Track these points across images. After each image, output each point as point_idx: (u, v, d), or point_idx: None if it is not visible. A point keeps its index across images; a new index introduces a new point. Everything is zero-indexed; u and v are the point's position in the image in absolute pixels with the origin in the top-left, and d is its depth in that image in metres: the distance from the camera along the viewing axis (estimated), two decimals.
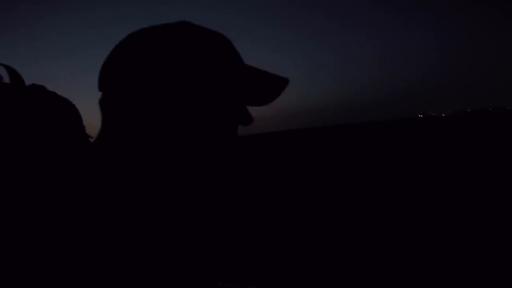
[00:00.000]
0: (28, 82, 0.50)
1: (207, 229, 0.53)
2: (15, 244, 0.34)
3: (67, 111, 0.50)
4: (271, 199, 5.99)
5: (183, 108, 0.40)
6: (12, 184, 0.40)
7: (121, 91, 0.41)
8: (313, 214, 4.84)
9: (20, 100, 0.46)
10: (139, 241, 0.39)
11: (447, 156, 9.69)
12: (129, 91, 0.40)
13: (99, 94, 0.44)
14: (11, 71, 0.49)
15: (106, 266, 0.35)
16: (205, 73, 0.41)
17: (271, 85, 0.45)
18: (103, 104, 0.43)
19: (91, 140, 0.51)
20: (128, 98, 0.40)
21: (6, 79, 0.50)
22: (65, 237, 0.34)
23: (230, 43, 0.46)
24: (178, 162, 0.42)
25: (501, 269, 2.73)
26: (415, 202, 4.98)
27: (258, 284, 2.90)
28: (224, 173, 0.45)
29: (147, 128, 0.40)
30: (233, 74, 0.44)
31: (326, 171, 8.94)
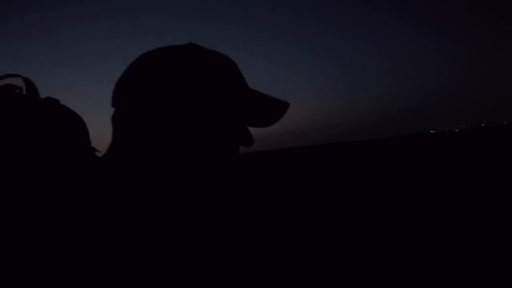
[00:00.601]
0: (46, 89, 0.57)
1: (205, 235, 0.54)
2: (18, 245, 0.35)
3: (75, 125, 0.52)
4: (272, 214, 5.93)
5: (190, 126, 0.43)
6: (18, 188, 0.42)
7: (133, 108, 0.43)
8: (315, 230, 4.77)
9: (33, 112, 0.48)
10: (141, 246, 0.40)
11: (459, 171, 9.51)
12: (141, 109, 0.43)
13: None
14: (28, 82, 0.52)
15: (108, 270, 0.36)
16: (210, 95, 0.44)
17: (272, 109, 0.48)
18: (116, 119, 0.45)
19: (98, 153, 0.54)
20: (140, 115, 0.43)
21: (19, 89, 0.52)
22: (69, 240, 0.36)
23: (235, 66, 0.49)
24: (183, 174, 0.44)
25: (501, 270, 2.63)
26: (427, 218, 4.88)
27: None
28: (224, 186, 0.47)
29: (156, 143, 0.43)
30: (236, 97, 0.46)
31: (331, 188, 8.86)
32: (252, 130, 0.50)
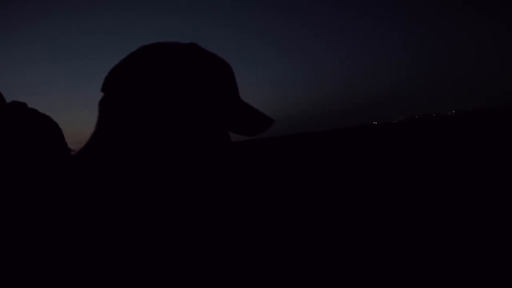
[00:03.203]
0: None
1: (192, 230, 0.54)
2: (13, 245, 0.35)
3: (46, 127, 0.51)
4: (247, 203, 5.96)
5: (177, 122, 0.44)
6: None
7: (124, 95, 0.43)
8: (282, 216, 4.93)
9: None
10: (115, 240, 0.40)
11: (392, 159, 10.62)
12: (132, 97, 0.43)
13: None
14: None
15: (91, 262, 0.36)
16: (203, 96, 0.45)
17: (258, 122, 0.49)
18: (103, 104, 0.45)
19: (73, 152, 0.55)
20: (130, 103, 0.43)
21: None
22: (51, 235, 0.36)
23: (232, 74, 0.50)
24: (168, 165, 0.44)
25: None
26: (368, 202, 5.35)
27: None
28: (211, 177, 0.48)
29: (141, 133, 0.43)
30: (227, 103, 0.47)
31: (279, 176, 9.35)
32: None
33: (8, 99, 0.53)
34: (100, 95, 0.47)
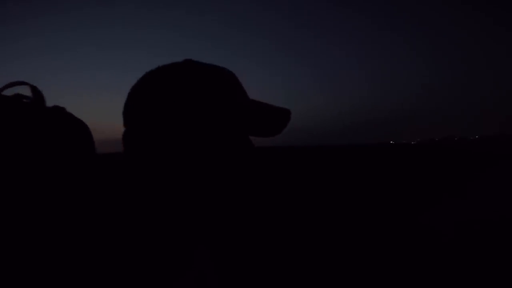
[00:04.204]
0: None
1: (211, 242, 0.54)
2: (18, 245, 0.37)
3: (80, 133, 0.54)
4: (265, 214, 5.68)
5: (196, 140, 0.45)
6: (22, 194, 0.43)
7: (142, 126, 0.46)
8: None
9: (40, 122, 0.49)
10: (153, 253, 0.42)
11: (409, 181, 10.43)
12: (149, 127, 0.45)
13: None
14: (35, 91, 0.53)
15: (122, 278, 0.38)
16: (211, 107, 0.46)
17: (275, 118, 0.49)
18: (126, 138, 0.48)
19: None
20: (148, 133, 0.45)
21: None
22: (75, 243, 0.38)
23: (234, 78, 0.50)
24: (193, 185, 0.46)
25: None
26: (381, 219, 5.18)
27: None
28: (229, 195, 0.48)
29: (166, 157, 0.45)
30: (236, 108, 0.47)
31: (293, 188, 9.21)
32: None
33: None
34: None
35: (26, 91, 0.52)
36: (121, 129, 0.50)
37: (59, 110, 0.54)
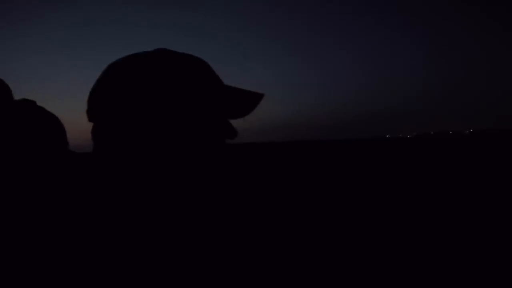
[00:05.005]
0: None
1: (192, 237, 0.54)
2: (15, 245, 0.36)
3: (51, 126, 0.52)
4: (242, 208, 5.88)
5: (170, 130, 0.43)
6: None
7: (112, 121, 0.43)
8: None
9: (6, 116, 0.48)
10: (130, 248, 0.40)
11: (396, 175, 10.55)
12: (118, 120, 0.43)
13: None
14: (1, 85, 0.51)
15: (98, 271, 0.36)
16: (185, 95, 0.44)
17: (247, 100, 0.48)
18: (95, 134, 0.45)
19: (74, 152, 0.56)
20: (119, 127, 0.43)
21: None
22: (56, 239, 0.36)
23: (207, 65, 0.49)
24: (171, 177, 0.44)
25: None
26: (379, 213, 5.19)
27: None
28: (212, 185, 0.47)
29: (140, 151, 0.43)
30: (211, 94, 0.46)
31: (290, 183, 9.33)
32: (236, 123, 0.50)
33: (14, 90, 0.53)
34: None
35: None
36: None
37: (28, 103, 0.51)
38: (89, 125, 0.47)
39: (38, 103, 0.52)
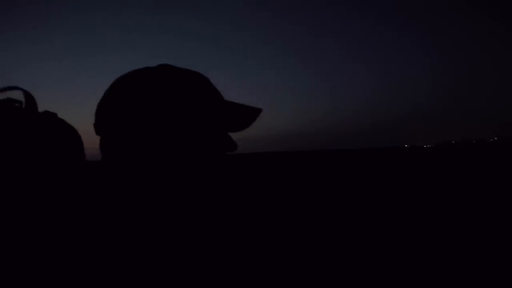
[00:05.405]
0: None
1: (191, 248, 0.54)
2: (18, 245, 0.37)
3: (70, 138, 0.55)
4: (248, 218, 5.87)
5: (172, 142, 0.45)
6: (16, 193, 0.45)
7: (117, 134, 0.45)
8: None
9: (31, 127, 0.50)
10: (130, 255, 0.41)
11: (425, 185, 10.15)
12: (124, 134, 0.45)
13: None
14: (27, 96, 0.53)
15: (99, 274, 0.37)
16: (187, 110, 0.46)
17: (246, 115, 0.50)
18: (103, 147, 0.47)
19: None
20: (124, 140, 0.45)
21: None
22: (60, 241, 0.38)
23: (208, 81, 0.50)
24: (175, 187, 0.46)
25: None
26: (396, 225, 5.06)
27: None
28: (212, 195, 0.48)
29: (146, 163, 0.45)
30: (211, 109, 0.48)
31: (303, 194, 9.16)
32: (236, 135, 0.52)
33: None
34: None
35: (19, 96, 0.53)
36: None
37: (51, 116, 0.55)
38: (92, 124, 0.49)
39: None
